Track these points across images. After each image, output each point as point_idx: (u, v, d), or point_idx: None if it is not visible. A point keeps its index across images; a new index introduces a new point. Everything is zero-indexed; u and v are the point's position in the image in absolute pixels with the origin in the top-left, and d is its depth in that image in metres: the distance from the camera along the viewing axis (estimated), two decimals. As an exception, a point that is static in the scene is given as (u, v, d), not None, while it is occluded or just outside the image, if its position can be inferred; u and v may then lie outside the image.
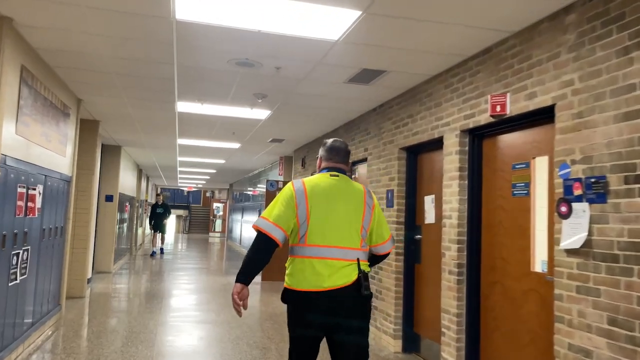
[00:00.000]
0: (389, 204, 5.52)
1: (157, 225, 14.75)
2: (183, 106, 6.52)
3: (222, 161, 13.38)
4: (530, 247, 3.56)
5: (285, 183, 9.81)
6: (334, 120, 7.11)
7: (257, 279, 10.48)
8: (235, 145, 10.01)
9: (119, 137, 9.74)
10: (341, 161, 2.82)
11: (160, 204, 14.79)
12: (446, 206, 4.37)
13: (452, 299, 4.19)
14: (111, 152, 10.82)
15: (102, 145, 10.32)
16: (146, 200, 20.53)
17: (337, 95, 5.59)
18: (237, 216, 20.16)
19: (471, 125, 4.06)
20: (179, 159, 13.05)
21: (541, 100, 3.29)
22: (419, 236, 5.21)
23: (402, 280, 5.33)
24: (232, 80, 5.14)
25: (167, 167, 15.62)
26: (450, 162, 4.33)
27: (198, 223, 32.20)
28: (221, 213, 28.57)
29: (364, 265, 2.62)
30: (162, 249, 15.33)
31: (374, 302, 5.69)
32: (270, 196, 10.22)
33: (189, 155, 12.48)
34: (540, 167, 3.52)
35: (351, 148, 6.89)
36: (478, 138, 4.18)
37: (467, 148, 4.23)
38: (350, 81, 4.98)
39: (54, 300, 5.82)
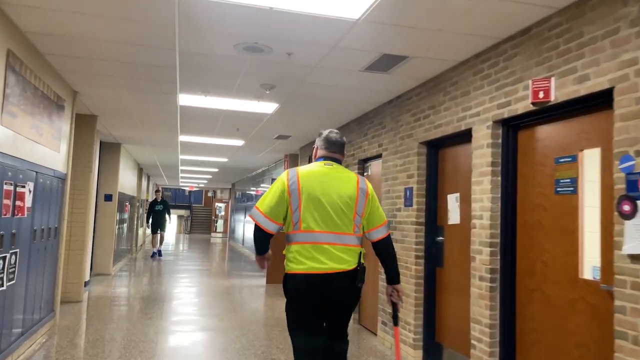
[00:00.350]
0: (408, 203, 5.11)
1: (156, 224, 14.01)
2: (185, 99, 6.12)
3: (225, 160, 12.98)
4: (578, 251, 3.15)
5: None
6: (345, 114, 6.71)
7: (262, 281, 10.08)
8: (239, 142, 9.61)
9: (118, 134, 9.35)
10: (337, 151, 2.95)
11: (159, 200, 14.12)
12: (476, 205, 3.96)
13: (484, 308, 3.78)
14: (110, 150, 10.43)
15: (100, 142, 9.95)
16: (147, 200, 20.15)
17: (351, 85, 5.19)
18: (240, 216, 19.76)
19: (506, 115, 3.65)
20: (181, 157, 12.66)
21: (595, 84, 2.88)
22: (440, 238, 4.80)
23: (422, 286, 4.92)
24: (239, 68, 4.74)
25: (169, 165, 15.24)
26: (481, 156, 3.92)
27: (200, 223, 31.82)
28: (223, 213, 28.18)
29: (362, 255, 2.80)
30: (159, 251, 14.10)
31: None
32: (275, 195, 9.84)
33: (191, 153, 12.08)
34: (591, 160, 3.11)
35: (364, 144, 6.49)
36: (513, 129, 3.77)
37: (500, 140, 3.82)
38: (367, 69, 4.57)
39: (47, 306, 5.42)
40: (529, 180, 3.62)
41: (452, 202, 4.60)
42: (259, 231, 2.81)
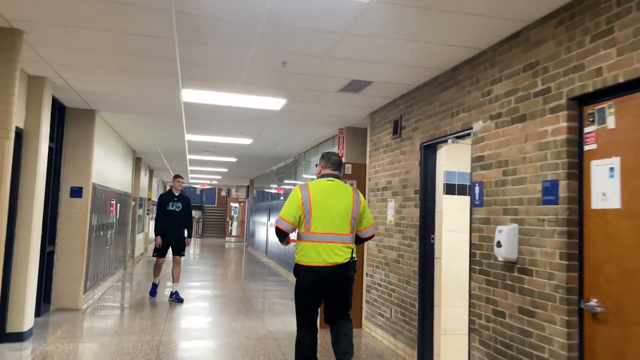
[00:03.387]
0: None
1: (169, 237, 7.67)
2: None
3: (248, 141, 9.44)
4: None
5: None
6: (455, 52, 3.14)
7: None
8: (278, 102, 6.07)
9: (84, 87, 5.84)
10: (337, 169, 3.95)
11: (176, 195, 7.84)
12: None
13: None
14: (79, 121, 6.93)
15: (62, 108, 6.45)
16: (149, 199, 16.67)
17: None
18: (261, 218, 16.23)
19: None
20: (188, 137, 9.14)
21: None
22: None
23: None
24: None
25: (173, 152, 11.71)
26: None
27: (212, 226, 28.38)
28: (239, 214, 24.71)
29: (354, 251, 3.75)
30: (176, 293, 7.62)
31: None
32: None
33: (201, 132, 8.56)
34: None
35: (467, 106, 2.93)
36: None
37: None
38: None
39: None
40: None
41: None
42: (280, 232, 3.76)
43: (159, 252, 7.84)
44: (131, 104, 6.49)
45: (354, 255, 3.72)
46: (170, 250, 7.82)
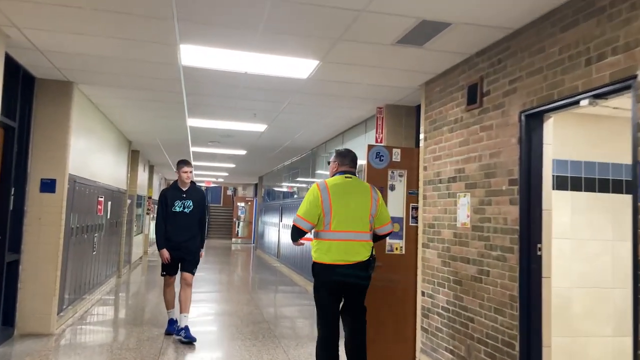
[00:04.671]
0: None
1: (176, 249, 5.47)
2: None
3: (262, 128, 7.99)
4: None
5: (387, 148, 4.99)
6: None
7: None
8: (307, 67, 4.61)
9: (47, 42, 4.39)
10: (353, 166, 3.86)
11: (184, 190, 5.57)
12: None
13: None
14: (50, 94, 5.46)
15: (26, 75, 4.94)
16: (150, 197, 15.25)
17: None
18: (272, 218, 14.77)
19: None
20: (191, 122, 7.69)
21: None
22: None
23: None
24: None
25: (174, 143, 10.22)
26: None
27: (218, 226, 26.89)
28: (246, 214, 23.26)
29: (373, 249, 3.73)
30: (186, 329, 5.32)
31: None
32: (375, 174, 4.84)
33: (205, 115, 7.12)
34: None
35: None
36: None
37: None
38: None
39: None
40: None
41: None
42: (298, 232, 3.71)
43: (168, 269, 5.55)
44: (116, 70, 5.03)
45: (374, 252, 3.74)
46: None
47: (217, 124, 7.75)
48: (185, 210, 5.50)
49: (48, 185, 5.37)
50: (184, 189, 5.57)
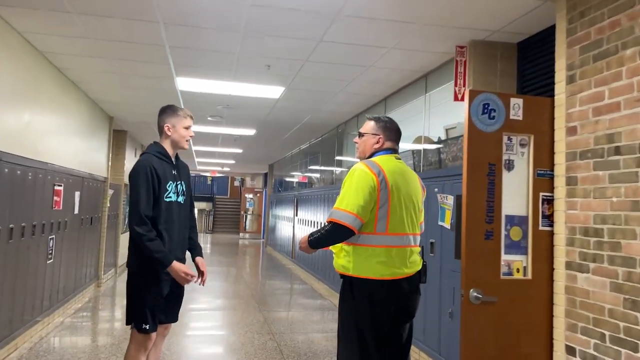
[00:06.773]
0: None
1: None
2: None
3: (278, 91, 5.94)
4: None
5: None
6: None
7: None
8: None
9: None
10: (398, 142, 2.76)
11: (174, 164, 3.09)
12: None
13: None
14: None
15: None
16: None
17: None
18: (285, 211, 12.76)
19: None
20: (182, 83, 5.67)
21: None
22: None
23: None
24: None
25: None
26: None
27: (224, 220, 24.98)
28: (255, 206, 21.31)
29: (423, 254, 2.70)
30: None
31: None
32: (480, 141, 2.80)
33: (197, 74, 5.09)
34: None
35: None
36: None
37: None
38: None
39: None
40: None
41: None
42: (346, 232, 2.42)
43: (158, 315, 3.02)
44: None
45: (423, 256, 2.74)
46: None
47: (217, 83, 5.70)
48: (179, 199, 3.08)
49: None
50: (174, 163, 3.12)
